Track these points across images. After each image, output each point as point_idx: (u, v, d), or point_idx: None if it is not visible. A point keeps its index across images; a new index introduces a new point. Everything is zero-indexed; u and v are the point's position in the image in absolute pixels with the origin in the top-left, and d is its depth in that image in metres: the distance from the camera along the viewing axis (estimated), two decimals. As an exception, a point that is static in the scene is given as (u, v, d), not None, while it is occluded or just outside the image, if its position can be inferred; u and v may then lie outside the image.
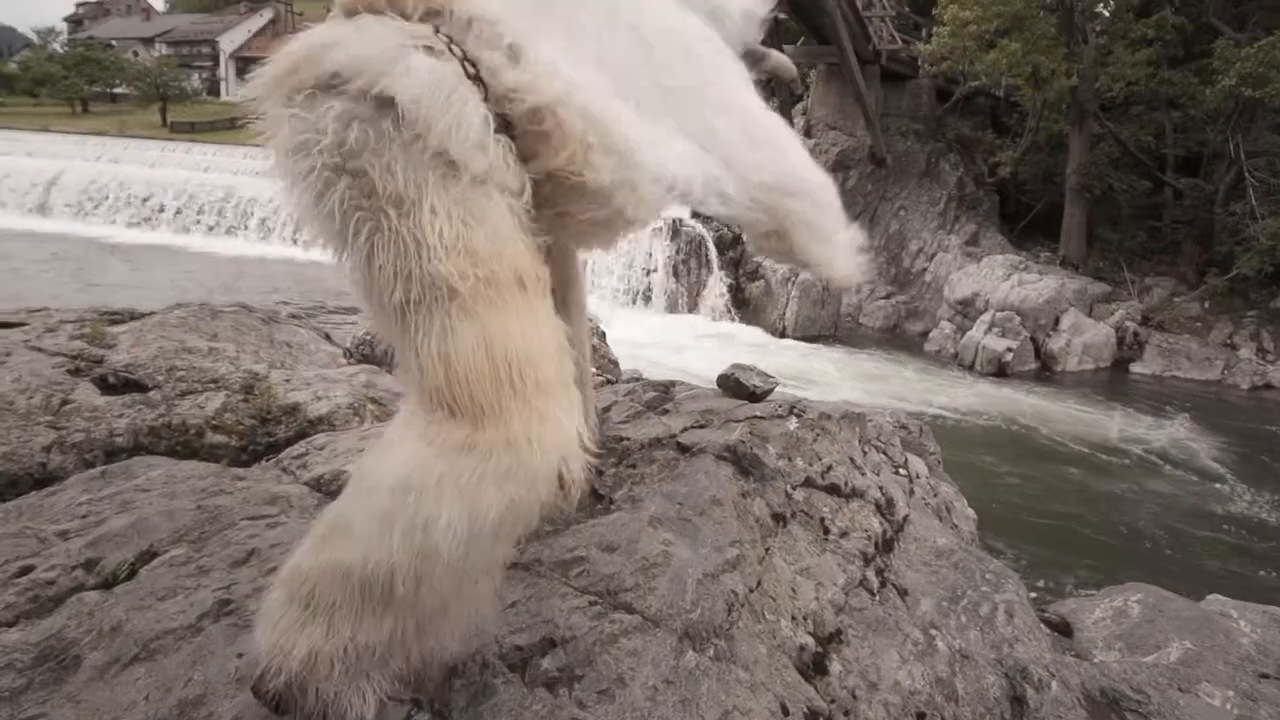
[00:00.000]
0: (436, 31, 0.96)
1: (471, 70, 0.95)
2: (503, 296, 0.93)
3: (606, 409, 1.86)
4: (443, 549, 0.90)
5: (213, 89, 42.53)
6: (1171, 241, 16.91)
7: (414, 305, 0.92)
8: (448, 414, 0.94)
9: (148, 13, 57.98)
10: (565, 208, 1.05)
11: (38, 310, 2.84)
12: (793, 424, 1.72)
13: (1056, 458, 10.29)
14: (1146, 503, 8.97)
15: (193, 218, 18.52)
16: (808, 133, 18.26)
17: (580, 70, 1.01)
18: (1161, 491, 9.36)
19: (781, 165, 1.30)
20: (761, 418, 1.71)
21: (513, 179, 0.97)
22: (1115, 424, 11.69)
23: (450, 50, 0.94)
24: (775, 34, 14.52)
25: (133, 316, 2.89)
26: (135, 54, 43.83)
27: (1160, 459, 10.43)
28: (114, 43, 45.65)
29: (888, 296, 17.25)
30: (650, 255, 15.41)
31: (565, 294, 1.33)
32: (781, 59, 1.69)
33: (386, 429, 1.07)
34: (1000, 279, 14.93)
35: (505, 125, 0.96)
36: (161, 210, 18.76)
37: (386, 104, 0.90)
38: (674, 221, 15.39)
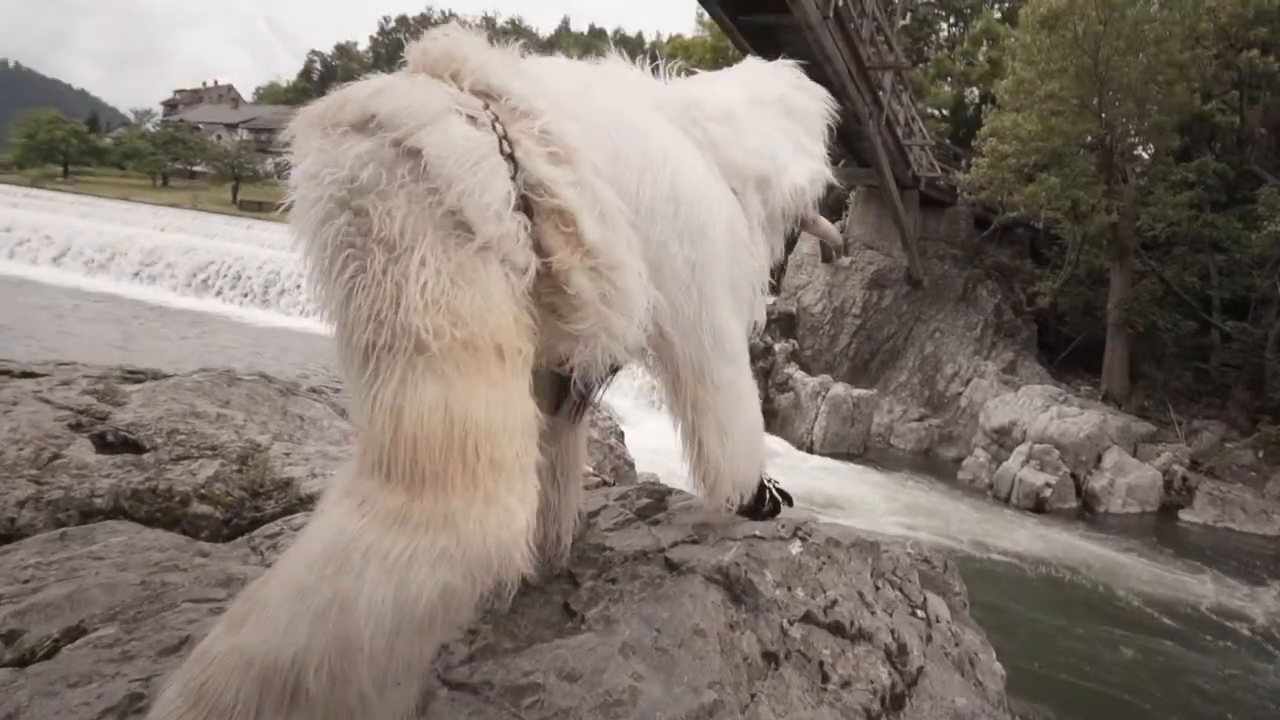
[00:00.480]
0: (486, 107, 0.98)
1: (508, 149, 0.96)
2: (477, 363, 0.89)
3: (594, 513, 1.72)
4: (363, 635, 0.79)
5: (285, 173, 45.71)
6: (1220, 384, 16.37)
7: (380, 350, 0.88)
8: (385, 477, 0.85)
9: (236, 102, 63.40)
10: (554, 304, 1.02)
11: (65, 364, 2.85)
12: (796, 548, 1.55)
13: (1102, 610, 9.40)
14: (1205, 672, 7.99)
15: (245, 288, 19.28)
16: (845, 250, 18.56)
17: (612, 195, 1.04)
18: (1223, 659, 8.38)
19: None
20: (761, 538, 1.55)
21: (520, 256, 0.96)
22: (1167, 576, 10.79)
23: (493, 127, 0.97)
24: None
25: (154, 377, 2.86)
26: (219, 137, 47.37)
27: (1220, 618, 9.50)
28: (201, 126, 49.53)
29: (920, 419, 16.89)
30: (681, 358, 15.40)
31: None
32: (829, 229, 1.83)
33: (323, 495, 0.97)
34: (1039, 410, 14.50)
35: (526, 208, 0.97)
36: (216, 279, 19.60)
37: (413, 154, 0.91)
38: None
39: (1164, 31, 13.94)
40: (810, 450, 14.81)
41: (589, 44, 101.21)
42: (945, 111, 26.75)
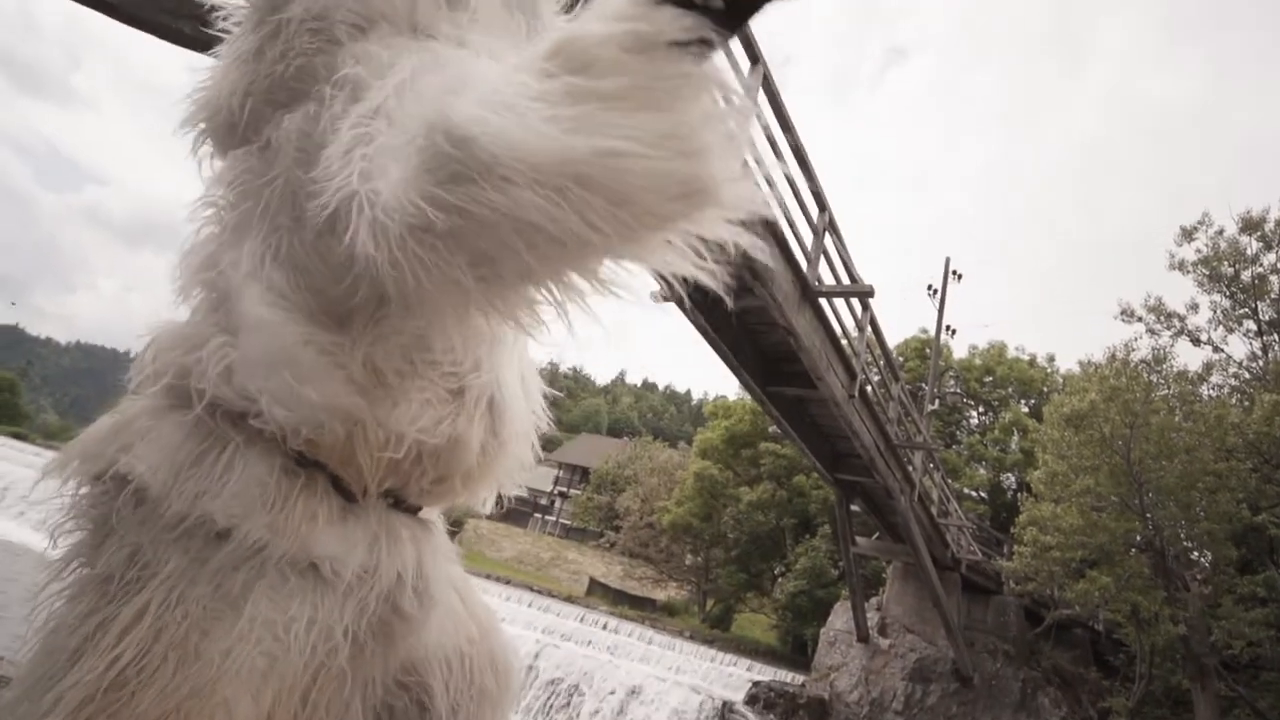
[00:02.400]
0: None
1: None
2: None
3: None
4: None
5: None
6: None
7: None
8: None
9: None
10: None
11: None
12: None
13: None
14: None
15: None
16: (883, 631, 17.00)
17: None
18: None
19: None
20: None
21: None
22: None
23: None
24: (846, 522, 14.63)
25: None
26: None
27: None
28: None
29: None
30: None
31: None
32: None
33: None
34: None
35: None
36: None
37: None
38: (723, 707, 13.72)
39: (1192, 441, 14.04)
40: None
41: (640, 395, 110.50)
42: (983, 494, 26.73)
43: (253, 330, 0.78)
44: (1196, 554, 16.73)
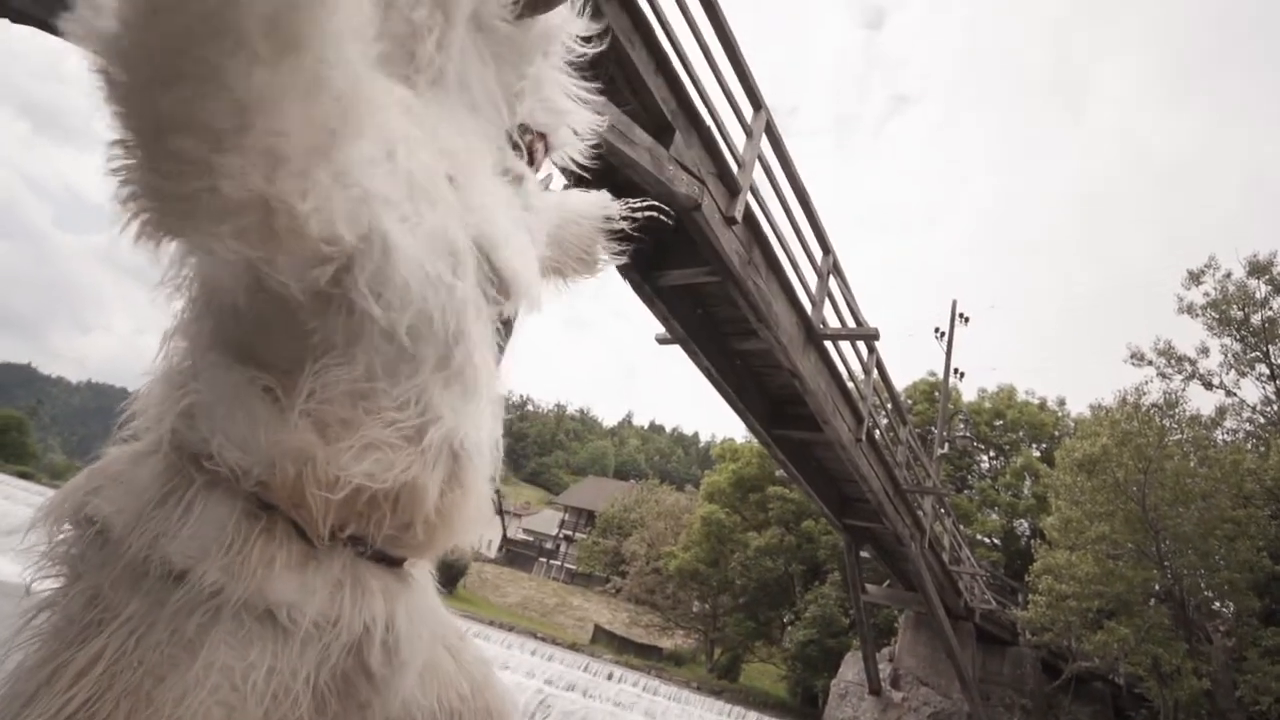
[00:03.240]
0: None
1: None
2: None
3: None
4: None
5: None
6: None
7: None
8: None
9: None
10: None
11: None
12: None
13: None
14: None
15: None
16: (895, 683, 16.50)
17: None
18: None
19: None
20: None
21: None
22: None
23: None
24: (856, 569, 14.32)
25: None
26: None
27: None
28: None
29: None
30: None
31: None
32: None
33: None
34: None
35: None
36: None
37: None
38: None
39: (1209, 487, 13.75)
40: None
41: (647, 437, 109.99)
42: (996, 540, 26.20)
43: (206, 371, 0.79)
44: (1218, 604, 16.25)
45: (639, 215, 1.49)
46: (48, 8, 3.48)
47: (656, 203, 1.52)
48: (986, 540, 25.91)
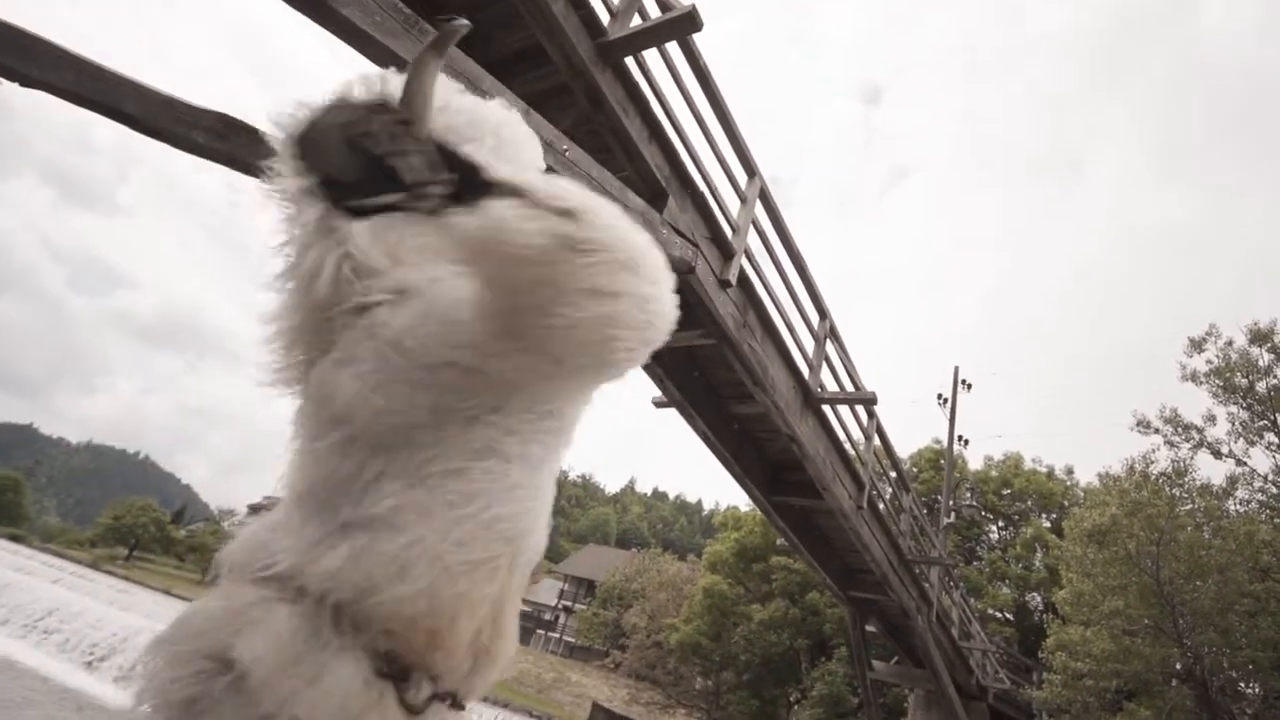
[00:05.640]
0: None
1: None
2: None
3: None
4: None
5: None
6: None
7: None
8: None
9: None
10: None
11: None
12: None
13: None
14: None
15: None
16: (906, 766, 15.64)
17: None
18: None
19: None
20: None
21: None
22: None
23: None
24: (862, 644, 13.79)
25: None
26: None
27: None
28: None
29: None
30: None
31: None
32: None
33: None
34: None
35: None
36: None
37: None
38: None
39: (1224, 559, 13.34)
40: None
41: (650, 504, 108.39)
42: (1008, 615, 25.35)
43: (384, 525, 0.78)
44: (1243, 685, 15.54)
45: None
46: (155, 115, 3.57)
47: None
48: (998, 615, 25.08)
